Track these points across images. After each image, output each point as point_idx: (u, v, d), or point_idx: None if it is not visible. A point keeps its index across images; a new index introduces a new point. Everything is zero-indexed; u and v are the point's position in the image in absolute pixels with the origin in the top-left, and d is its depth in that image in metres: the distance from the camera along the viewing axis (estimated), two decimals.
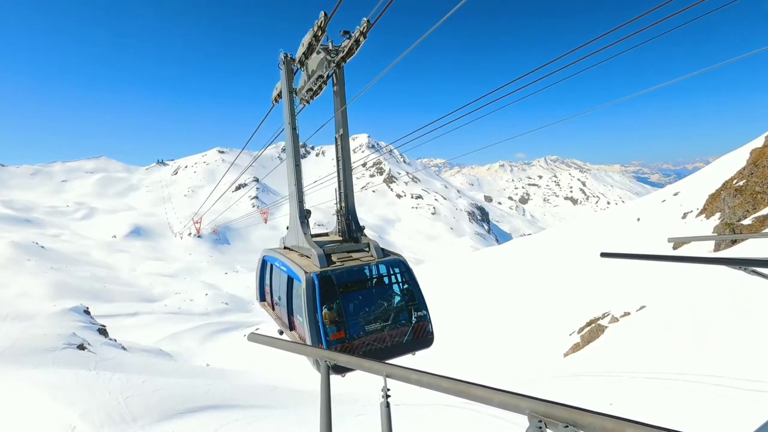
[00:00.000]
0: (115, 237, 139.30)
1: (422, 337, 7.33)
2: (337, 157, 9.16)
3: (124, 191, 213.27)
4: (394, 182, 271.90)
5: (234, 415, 17.13)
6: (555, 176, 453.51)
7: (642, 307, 18.35)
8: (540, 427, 1.88)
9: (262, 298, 11.00)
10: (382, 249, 8.22)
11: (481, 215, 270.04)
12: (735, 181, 26.88)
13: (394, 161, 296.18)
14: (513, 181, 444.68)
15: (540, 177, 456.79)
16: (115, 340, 36.98)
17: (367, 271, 7.84)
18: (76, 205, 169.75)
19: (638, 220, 39.80)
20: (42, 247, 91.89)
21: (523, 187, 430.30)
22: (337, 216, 9.37)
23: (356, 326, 6.91)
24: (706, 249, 21.32)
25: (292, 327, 7.99)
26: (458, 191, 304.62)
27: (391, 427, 2.88)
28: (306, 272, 6.93)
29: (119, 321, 53.91)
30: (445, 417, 12.80)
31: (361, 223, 9.47)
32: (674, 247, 24.01)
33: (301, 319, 7.07)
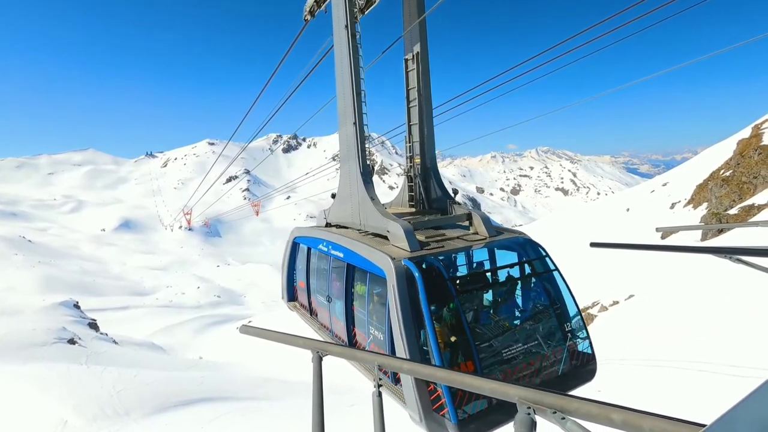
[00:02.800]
0: (104, 230, 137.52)
1: (582, 365, 4.80)
2: (408, 89, 6.62)
3: (113, 184, 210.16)
4: (386, 174, 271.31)
5: (227, 407, 17.16)
6: (546, 167, 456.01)
7: (630, 296, 18.64)
8: (529, 413, 1.92)
9: (292, 298, 8.30)
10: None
11: (473, 206, 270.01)
12: (722, 171, 27.27)
13: (386, 153, 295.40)
14: (504, 172, 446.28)
15: (531, 168, 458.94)
16: (107, 334, 36.69)
17: (485, 258, 5.53)
18: (64, 198, 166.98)
19: (627, 210, 40.26)
20: (29, 241, 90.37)
21: (514, 178, 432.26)
22: (408, 177, 6.83)
23: (488, 351, 4.33)
24: (693, 238, 21.66)
25: (354, 344, 5.65)
26: (450, 182, 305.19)
27: (383, 416, 2.91)
28: (393, 258, 4.54)
29: (110, 315, 53.42)
30: None
31: None
32: (662, 237, 24.37)
33: (382, 336, 4.83)
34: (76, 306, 41.42)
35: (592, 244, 5.99)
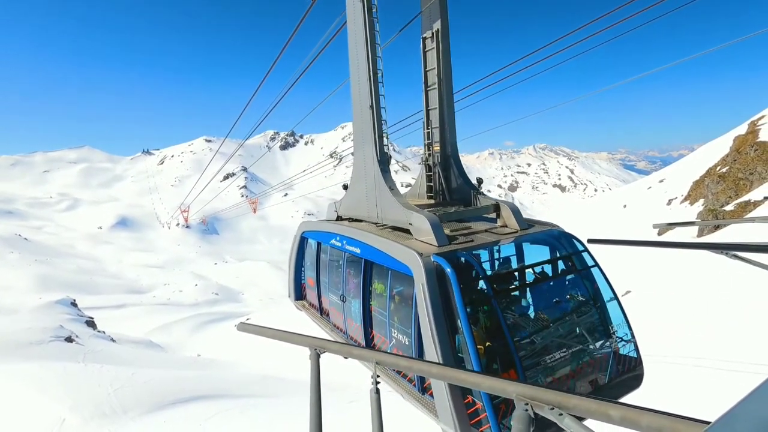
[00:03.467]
0: (100, 228, 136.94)
1: (628, 371, 4.47)
2: (426, 70, 6.18)
3: (109, 182, 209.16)
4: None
5: (226, 405, 17.18)
6: (543, 164, 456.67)
7: (627, 292, 18.73)
8: (526, 410, 1.92)
9: (299, 296, 7.91)
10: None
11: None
12: (718, 167, 27.38)
13: None
14: (502, 169, 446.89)
15: (529, 165, 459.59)
16: (104, 332, 36.62)
17: (518, 253, 5.09)
18: (60, 196, 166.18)
19: (624, 206, 40.44)
20: (25, 239, 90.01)
21: (512, 175, 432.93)
22: (426, 166, 6.45)
23: (529, 357, 3.93)
24: (689, 234, 21.77)
25: (372, 348, 5.30)
26: None
27: (380, 413, 2.91)
28: (420, 253, 4.17)
29: (107, 313, 53.32)
30: None
31: None
32: (659, 233, 24.48)
33: (407, 340, 4.51)
34: (73, 304, 41.29)
35: (589, 241, 5.99)
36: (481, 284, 4.11)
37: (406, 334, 4.51)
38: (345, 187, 6.52)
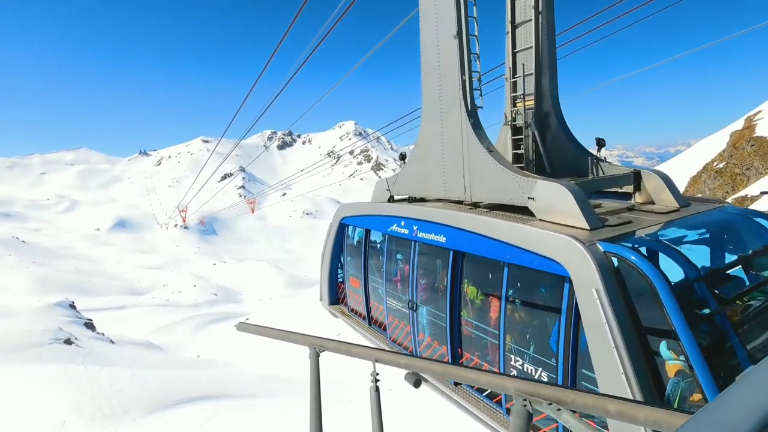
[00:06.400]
0: (98, 230, 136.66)
1: None
2: (514, 1, 4.54)
3: (107, 183, 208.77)
4: (382, 169, 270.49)
5: (226, 405, 17.20)
6: None
7: None
8: (525, 405, 1.93)
9: (335, 300, 6.60)
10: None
11: None
12: (715, 163, 27.44)
13: (381, 148, 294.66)
14: None
15: None
16: (103, 334, 36.58)
17: (696, 241, 3.63)
18: (57, 198, 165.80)
19: None
20: (23, 241, 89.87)
21: None
22: (512, 128, 4.60)
23: None
24: None
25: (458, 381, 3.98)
26: None
27: (380, 411, 2.93)
28: (582, 241, 2.85)
29: (106, 314, 53.18)
30: (438, 400, 13.00)
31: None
32: None
33: (549, 374, 3.15)
34: (72, 306, 41.22)
35: None
36: (695, 289, 2.74)
37: (544, 364, 3.12)
38: (402, 157, 5.16)
